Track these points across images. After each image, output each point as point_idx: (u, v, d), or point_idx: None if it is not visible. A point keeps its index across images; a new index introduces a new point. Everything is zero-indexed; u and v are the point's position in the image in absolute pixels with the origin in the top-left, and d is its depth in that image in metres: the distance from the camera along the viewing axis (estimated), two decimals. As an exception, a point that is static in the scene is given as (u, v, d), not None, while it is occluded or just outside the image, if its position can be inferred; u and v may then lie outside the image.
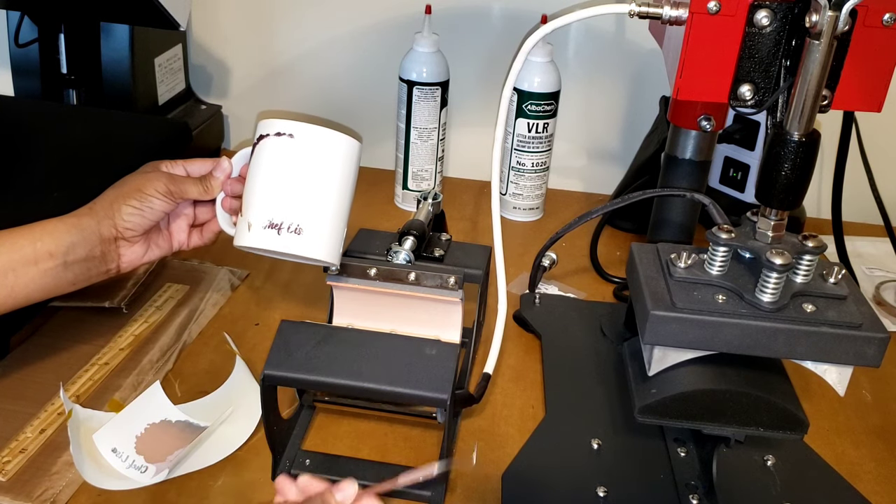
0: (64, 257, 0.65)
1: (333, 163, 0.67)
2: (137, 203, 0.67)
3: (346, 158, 0.67)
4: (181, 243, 0.73)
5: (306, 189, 0.66)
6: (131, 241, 0.69)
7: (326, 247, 0.67)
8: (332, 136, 0.67)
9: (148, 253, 0.71)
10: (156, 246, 0.72)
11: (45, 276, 0.65)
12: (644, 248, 0.66)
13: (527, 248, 1.00)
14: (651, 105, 1.07)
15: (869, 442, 0.74)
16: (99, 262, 0.68)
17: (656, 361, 0.62)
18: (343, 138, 0.67)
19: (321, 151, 0.66)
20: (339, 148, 0.67)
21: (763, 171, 0.59)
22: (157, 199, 0.68)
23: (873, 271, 1.00)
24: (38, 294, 0.66)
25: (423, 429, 0.72)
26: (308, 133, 0.66)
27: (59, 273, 0.66)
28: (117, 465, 0.65)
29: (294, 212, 0.65)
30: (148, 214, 0.68)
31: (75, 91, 1.09)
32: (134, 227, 0.68)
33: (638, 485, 0.66)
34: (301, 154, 0.66)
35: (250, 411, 0.71)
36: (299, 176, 0.66)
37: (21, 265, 0.64)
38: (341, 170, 0.67)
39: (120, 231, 0.68)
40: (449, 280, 0.69)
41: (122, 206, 0.67)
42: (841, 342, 0.57)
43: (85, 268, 0.67)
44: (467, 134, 1.19)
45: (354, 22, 1.15)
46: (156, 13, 0.94)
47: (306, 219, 0.65)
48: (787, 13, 0.60)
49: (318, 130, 0.67)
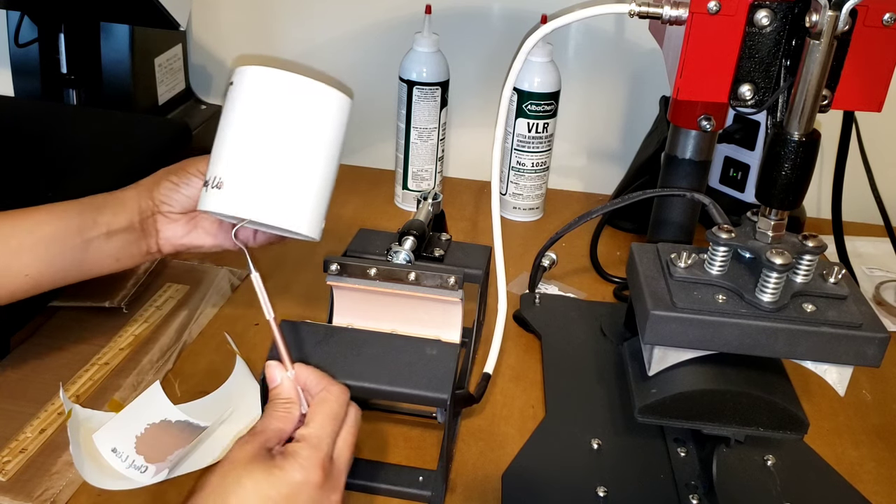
0: (107, 226, 0.65)
1: (269, 105, 0.59)
2: (177, 179, 0.66)
3: (291, 99, 0.59)
4: (246, 238, 0.69)
5: (231, 135, 0.59)
6: (169, 218, 0.68)
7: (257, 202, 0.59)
8: (265, 74, 0.59)
9: (191, 235, 0.69)
10: (204, 232, 0.69)
11: (90, 246, 0.65)
12: (644, 248, 0.66)
13: (527, 248, 1.00)
14: (651, 105, 1.07)
15: (869, 442, 0.74)
16: (139, 236, 0.67)
17: (656, 361, 0.62)
18: (281, 76, 0.59)
19: (254, 93, 0.59)
20: (275, 87, 0.59)
21: (763, 171, 0.59)
22: (197, 177, 0.66)
23: (873, 271, 1.00)
24: (80, 266, 0.66)
25: (423, 429, 0.72)
26: (243, 75, 0.60)
27: (102, 245, 0.65)
28: (117, 465, 0.65)
29: (219, 164, 0.60)
30: (185, 191, 0.66)
31: (75, 91, 1.09)
32: (171, 202, 0.67)
33: (638, 485, 0.66)
34: (236, 100, 0.60)
35: (250, 411, 0.71)
36: (227, 123, 0.60)
37: (67, 234, 0.64)
38: (283, 113, 0.59)
39: (157, 205, 0.67)
40: (449, 280, 0.69)
41: (163, 181, 0.67)
42: (841, 342, 0.57)
43: (126, 241, 0.66)
44: (467, 134, 1.19)
45: (354, 22, 1.15)
46: (156, 13, 0.94)
47: (228, 170, 0.59)
48: (787, 13, 0.60)
49: (253, 70, 0.59)
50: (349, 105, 0.63)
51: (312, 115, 0.60)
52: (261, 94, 0.59)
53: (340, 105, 0.62)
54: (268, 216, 0.59)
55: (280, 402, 0.56)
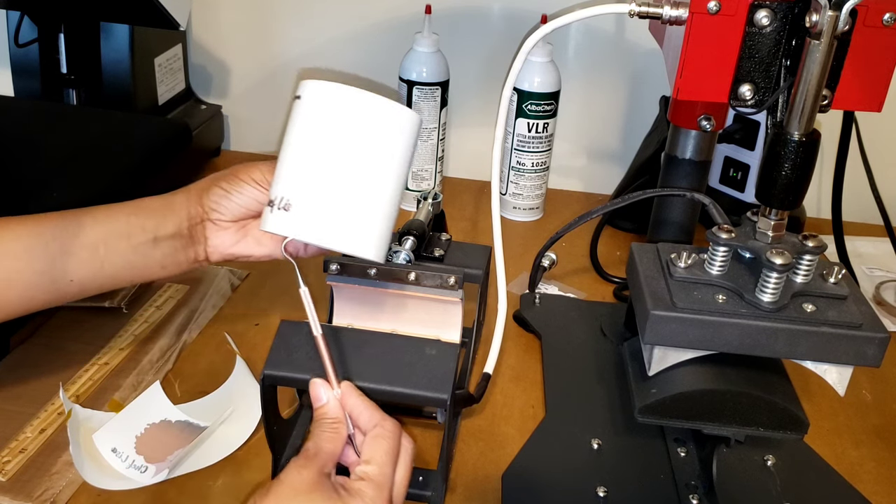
0: (154, 232, 0.63)
1: (344, 125, 0.57)
2: (227, 186, 0.64)
3: (367, 119, 0.57)
4: (296, 250, 0.66)
5: (301, 155, 0.57)
6: (219, 226, 0.65)
7: (327, 227, 0.57)
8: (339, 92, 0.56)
9: (240, 244, 0.66)
10: (254, 241, 0.66)
11: (136, 251, 0.63)
12: (644, 248, 0.66)
13: (527, 248, 1.00)
14: (651, 105, 1.07)
15: (869, 442, 0.74)
16: (187, 243, 0.65)
17: (656, 361, 0.62)
18: (357, 94, 0.56)
19: (327, 111, 0.57)
20: (350, 106, 0.56)
21: (763, 171, 0.59)
22: (250, 185, 0.64)
23: (873, 271, 1.00)
24: (125, 272, 0.64)
25: (423, 429, 0.72)
26: (315, 91, 0.57)
27: (149, 250, 0.64)
28: (117, 465, 0.65)
29: (287, 184, 0.58)
30: (236, 199, 0.64)
31: (75, 91, 1.09)
32: (221, 210, 0.65)
33: (638, 485, 0.66)
34: (307, 116, 0.57)
35: (250, 411, 0.71)
36: (296, 140, 0.58)
37: (114, 238, 0.63)
38: (358, 133, 0.57)
39: (207, 212, 0.65)
40: (449, 280, 0.69)
41: (214, 187, 0.65)
42: (841, 342, 0.57)
43: (173, 247, 0.65)
44: (467, 134, 1.19)
45: (354, 22, 1.15)
46: (156, 13, 0.94)
47: (297, 192, 0.57)
48: (787, 13, 0.60)
49: (326, 87, 0.57)
50: (420, 124, 0.61)
51: (388, 136, 0.58)
52: (335, 113, 0.57)
53: (414, 124, 0.59)
54: (337, 242, 0.58)
55: (328, 422, 0.55)
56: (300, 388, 0.71)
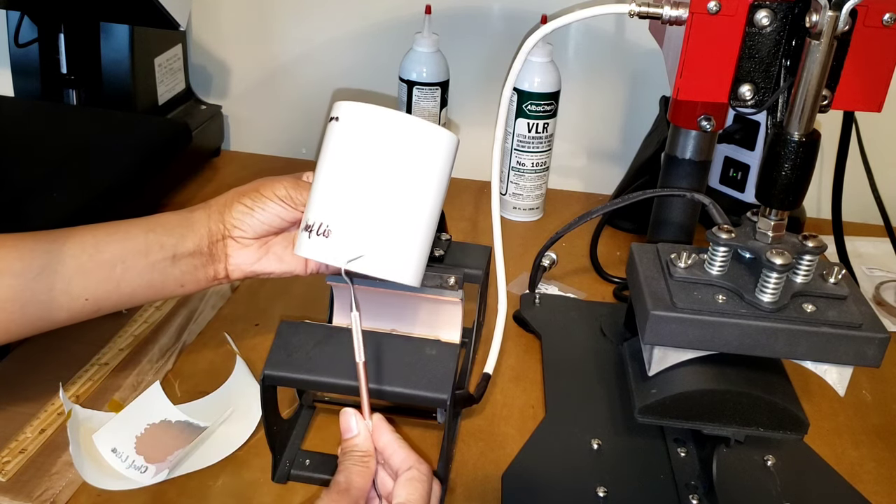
0: (174, 249, 0.62)
1: (385, 150, 0.56)
2: (250, 202, 0.63)
3: (409, 144, 0.56)
4: (318, 266, 0.66)
5: (341, 180, 0.56)
6: (241, 243, 0.64)
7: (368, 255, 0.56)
8: (380, 115, 0.55)
9: (262, 262, 0.65)
10: (276, 258, 0.65)
11: (154, 269, 0.62)
12: (644, 248, 0.66)
13: (527, 248, 1.00)
14: (651, 105, 1.07)
15: (869, 442, 0.74)
16: (206, 261, 0.64)
17: (656, 361, 0.62)
18: (398, 118, 0.55)
19: (368, 135, 0.56)
20: (392, 130, 0.55)
21: (763, 171, 0.59)
22: (273, 201, 0.63)
23: (873, 271, 1.00)
24: (143, 291, 0.63)
25: (423, 429, 0.72)
26: (355, 115, 0.56)
27: (167, 268, 0.62)
28: (117, 466, 0.65)
29: (326, 209, 0.57)
30: (259, 216, 0.63)
31: (75, 91, 1.09)
32: (243, 227, 0.63)
33: (638, 485, 0.66)
34: (346, 140, 0.56)
35: (250, 411, 0.71)
36: (335, 164, 0.57)
37: (132, 255, 0.61)
38: (400, 158, 0.56)
39: (228, 229, 0.63)
40: (449, 280, 0.69)
41: (236, 203, 0.63)
42: (841, 342, 0.57)
43: (192, 266, 0.63)
44: (467, 134, 1.19)
45: (354, 22, 1.15)
46: (156, 13, 0.94)
47: (337, 218, 0.56)
48: (787, 13, 0.60)
49: (367, 110, 0.56)
50: (458, 145, 0.60)
51: (428, 159, 0.57)
52: (374, 136, 0.56)
53: (452, 146, 0.59)
54: (378, 269, 0.57)
55: (358, 455, 0.54)
56: (300, 388, 0.71)
